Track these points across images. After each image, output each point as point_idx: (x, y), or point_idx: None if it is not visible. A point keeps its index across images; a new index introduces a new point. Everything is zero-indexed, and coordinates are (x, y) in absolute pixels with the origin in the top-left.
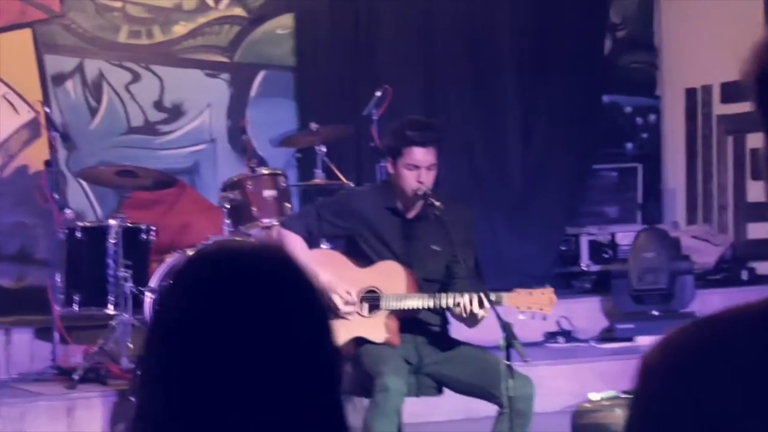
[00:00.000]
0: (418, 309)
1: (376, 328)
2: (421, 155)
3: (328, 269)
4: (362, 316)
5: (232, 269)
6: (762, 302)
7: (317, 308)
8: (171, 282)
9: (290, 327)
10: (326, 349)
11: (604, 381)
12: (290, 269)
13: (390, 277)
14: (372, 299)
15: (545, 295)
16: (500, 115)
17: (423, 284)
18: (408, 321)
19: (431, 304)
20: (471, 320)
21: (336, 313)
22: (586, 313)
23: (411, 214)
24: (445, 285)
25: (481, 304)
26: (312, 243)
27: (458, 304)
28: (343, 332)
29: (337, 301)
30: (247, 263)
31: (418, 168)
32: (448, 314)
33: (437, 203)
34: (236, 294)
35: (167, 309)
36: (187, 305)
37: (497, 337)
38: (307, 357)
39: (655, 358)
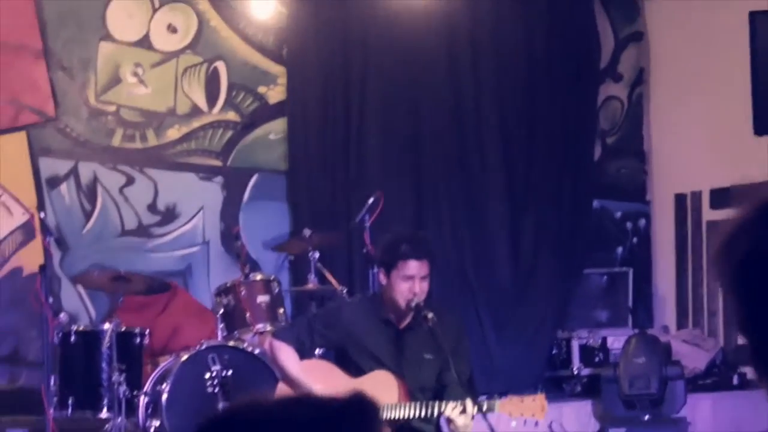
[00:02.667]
0: (410, 418)
1: None
2: (416, 268)
3: (320, 380)
4: None
5: None
6: None
7: None
8: None
9: None
10: None
11: None
12: None
13: (382, 387)
14: None
15: (536, 401)
16: (490, 220)
17: (416, 393)
18: (400, 430)
19: (423, 413)
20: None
21: None
22: (577, 417)
23: (402, 325)
24: (437, 394)
25: (463, 411)
26: (304, 353)
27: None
28: None
29: None
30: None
31: (413, 279)
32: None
33: (429, 315)
34: None
35: None
36: None
37: None
38: None
39: None
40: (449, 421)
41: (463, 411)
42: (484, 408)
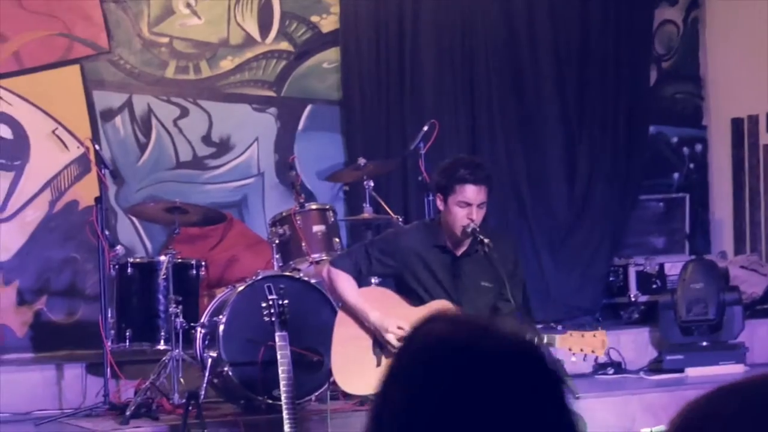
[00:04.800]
0: None
1: None
2: (473, 193)
3: (379, 306)
4: None
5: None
6: None
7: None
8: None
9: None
10: None
11: (653, 413)
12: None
13: None
14: None
15: (597, 337)
16: (545, 147)
17: None
18: None
19: None
20: None
21: (388, 350)
22: (635, 344)
23: (459, 251)
24: None
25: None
26: (361, 281)
27: None
28: None
29: (390, 338)
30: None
31: (470, 205)
32: None
33: (486, 240)
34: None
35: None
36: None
37: None
38: None
39: (675, 425)
40: None
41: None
42: (544, 342)
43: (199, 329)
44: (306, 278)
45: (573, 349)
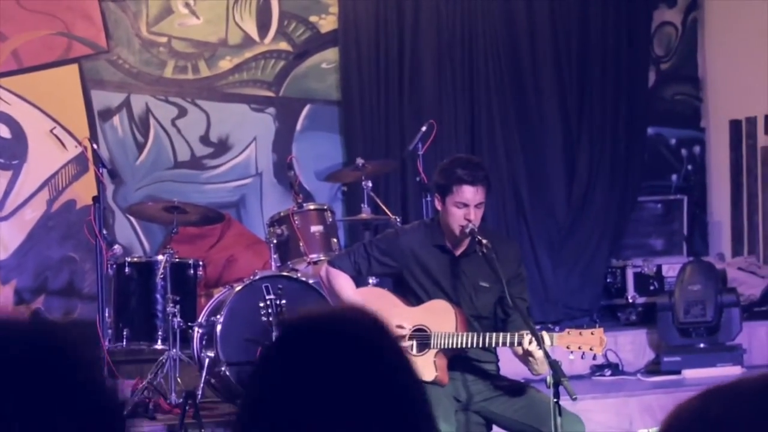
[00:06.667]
0: (469, 347)
1: (426, 367)
2: (471, 193)
3: (377, 307)
4: (411, 354)
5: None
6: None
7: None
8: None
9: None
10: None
11: (650, 415)
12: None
13: (439, 315)
14: (421, 338)
15: (595, 335)
16: (544, 148)
17: (472, 321)
18: (457, 358)
19: (481, 343)
20: (531, 362)
21: None
22: (633, 345)
23: (458, 251)
24: (495, 322)
25: (538, 344)
26: (360, 281)
27: (513, 344)
28: None
29: None
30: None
31: (467, 206)
32: (513, 354)
33: (484, 241)
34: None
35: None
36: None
37: (545, 373)
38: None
39: (666, 426)
40: (528, 353)
41: (538, 343)
42: (544, 341)
43: (196, 329)
44: (304, 278)
45: (571, 347)
